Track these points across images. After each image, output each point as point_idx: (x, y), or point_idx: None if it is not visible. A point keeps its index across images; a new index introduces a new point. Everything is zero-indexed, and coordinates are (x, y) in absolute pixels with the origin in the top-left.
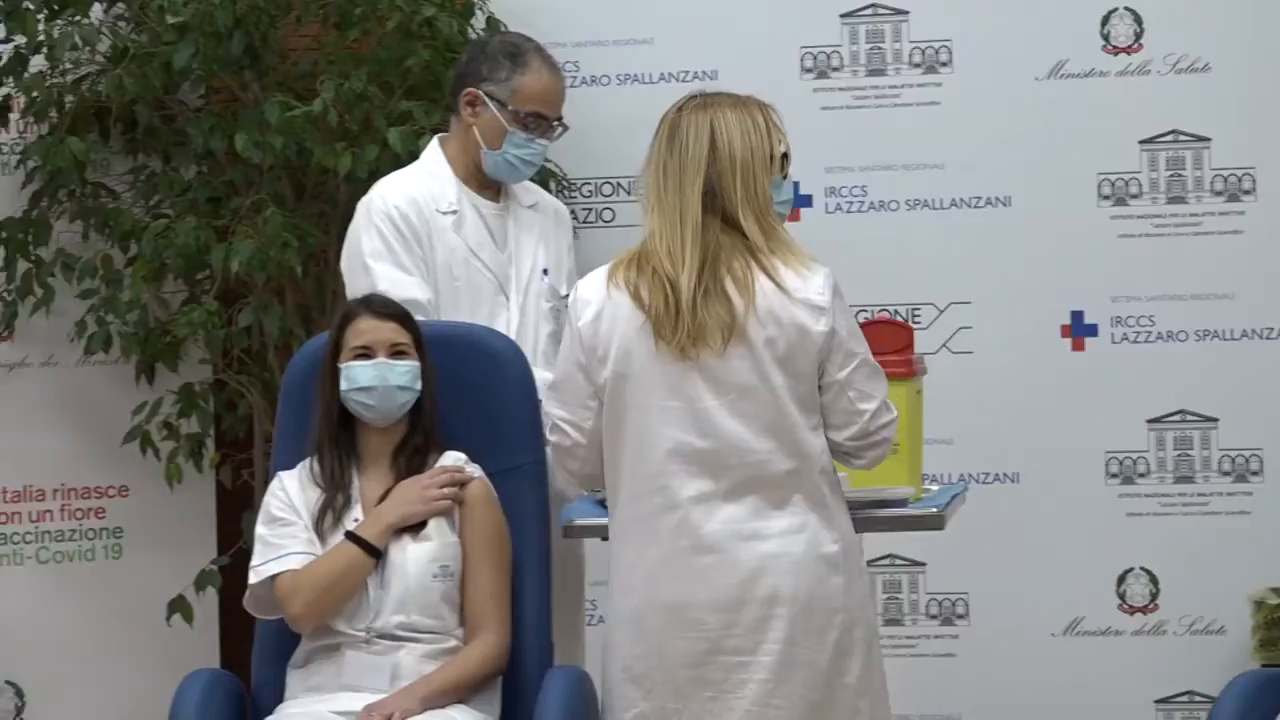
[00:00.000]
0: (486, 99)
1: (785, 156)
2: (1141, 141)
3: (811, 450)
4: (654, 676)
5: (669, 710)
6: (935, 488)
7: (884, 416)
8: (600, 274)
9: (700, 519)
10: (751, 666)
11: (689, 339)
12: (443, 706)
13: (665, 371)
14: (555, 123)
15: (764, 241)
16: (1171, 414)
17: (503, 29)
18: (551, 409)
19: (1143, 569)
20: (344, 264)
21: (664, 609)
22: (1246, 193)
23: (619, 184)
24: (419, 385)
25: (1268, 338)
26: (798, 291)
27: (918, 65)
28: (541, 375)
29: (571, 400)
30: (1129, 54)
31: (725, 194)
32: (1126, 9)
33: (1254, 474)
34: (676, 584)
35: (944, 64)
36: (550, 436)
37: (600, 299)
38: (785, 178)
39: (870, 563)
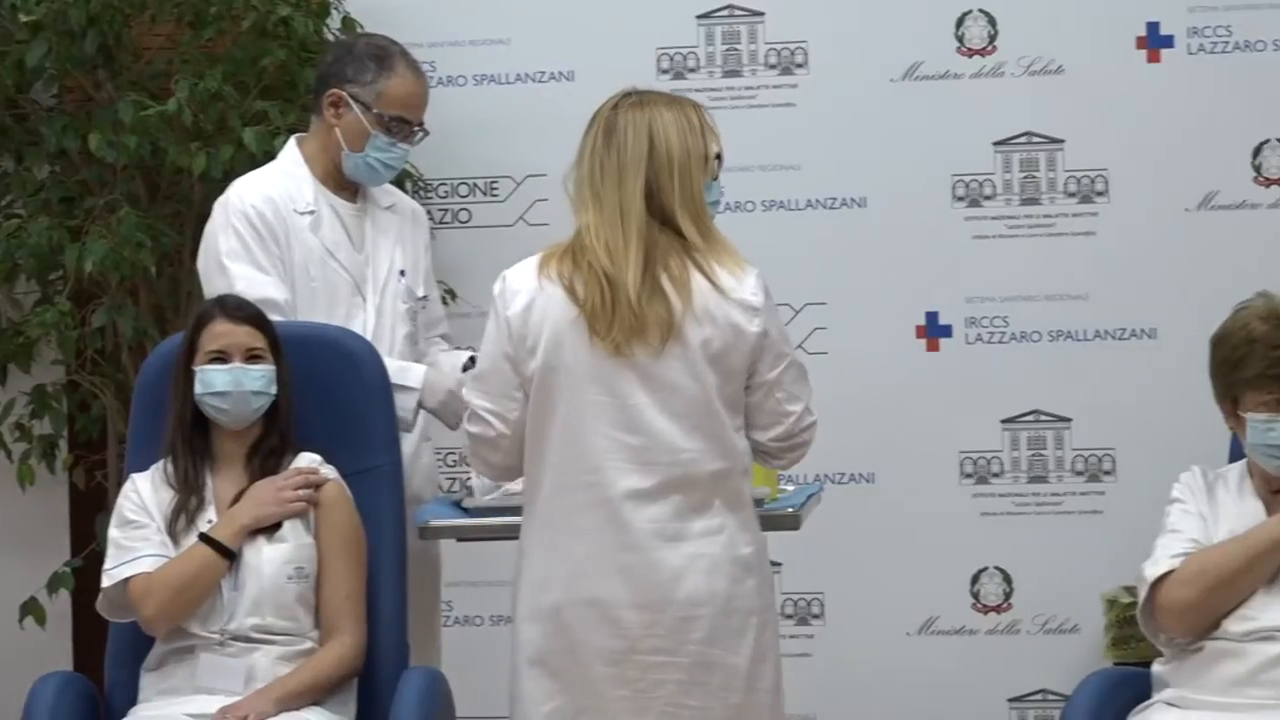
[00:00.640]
0: (350, 101)
1: (718, 157)
2: (995, 143)
3: (736, 450)
4: (571, 673)
5: (584, 706)
6: (791, 488)
7: (808, 418)
8: (530, 265)
9: (629, 516)
10: (669, 667)
11: (625, 336)
12: (298, 708)
13: (597, 366)
14: (417, 127)
15: (701, 241)
16: (1025, 414)
17: (359, 29)
18: (475, 400)
19: (997, 568)
20: (200, 263)
21: (584, 605)
22: (1099, 194)
23: (475, 184)
24: (274, 389)
25: (1120, 338)
26: (733, 291)
27: (773, 66)
28: (393, 364)
29: (497, 391)
30: (983, 56)
31: (663, 193)
32: (980, 11)
33: (1106, 473)
34: (599, 581)
35: (799, 65)
36: (471, 428)
37: (532, 289)
38: (716, 178)
39: None
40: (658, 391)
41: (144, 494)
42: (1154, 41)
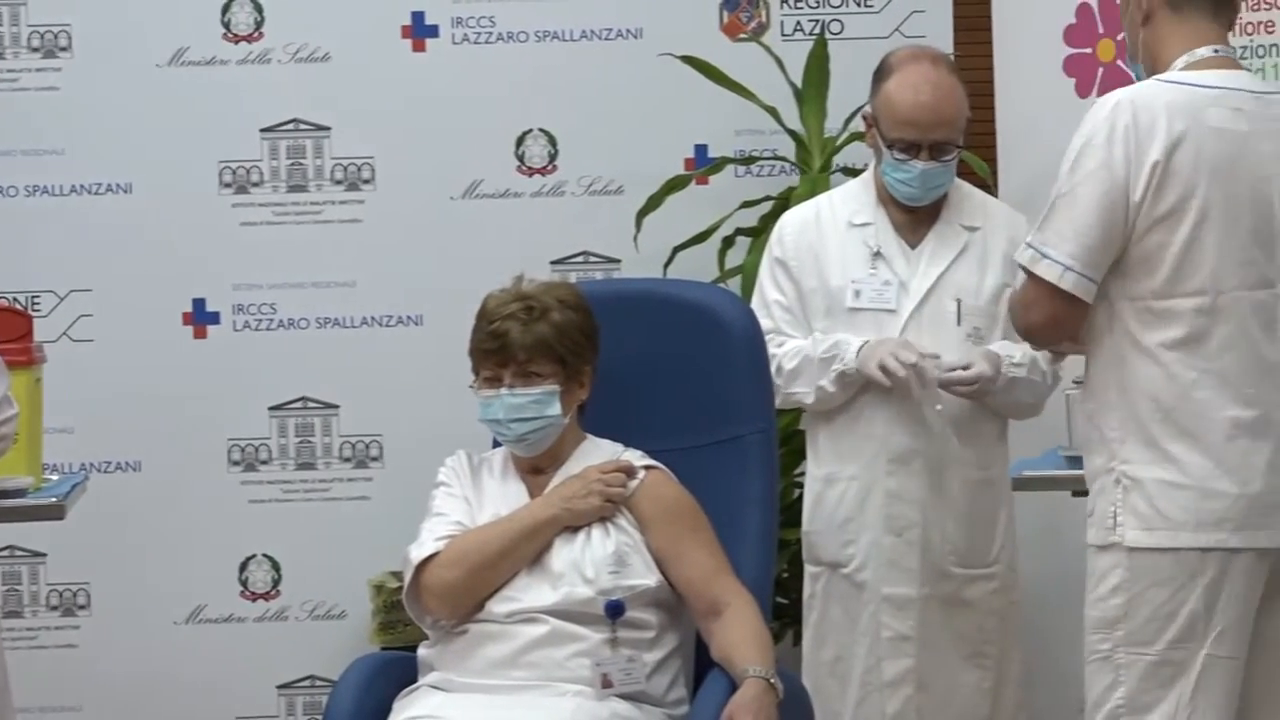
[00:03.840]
0: None
1: None
2: (262, 130)
3: None
4: None
5: None
6: (55, 477)
7: (4, 412)
8: None
9: None
10: None
11: None
12: None
13: None
14: None
15: None
16: (293, 401)
17: None
18: None
19: (265, 555)
20: None
21: None
22: (366, 182)
23: None
24: None
25: (387, 325)
26: None
27: (36, 50)
28: None
29: None
30: (250, 42)
31: None
32: None
33: (374, 459)
34: None
35: (64, 48)
36: None
37: None
38: None
39: None
40: None
41: None
42: (419, 31)
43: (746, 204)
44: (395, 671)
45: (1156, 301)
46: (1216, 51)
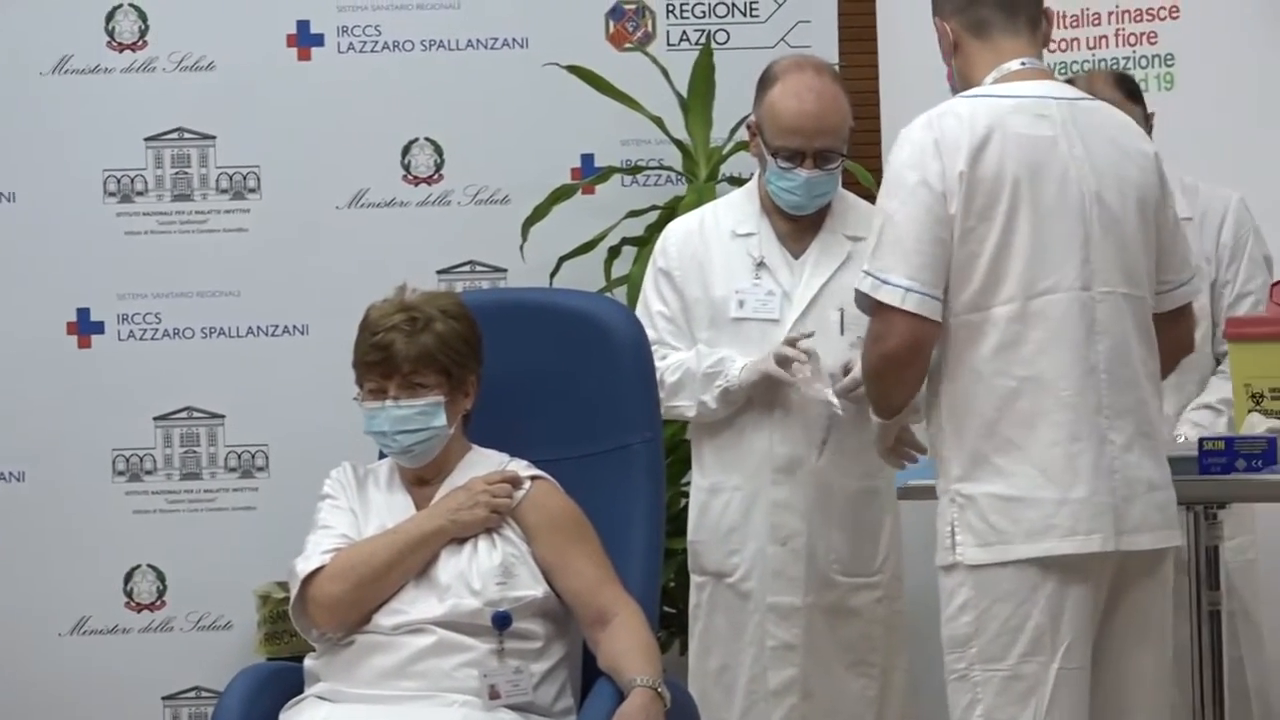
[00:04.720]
0: None
1: None
2: (147, 139)
3: None
4: None
5: None
6: None
7: None
8: None
9: None
10: None
11: None
12: None
13: None
14: None
15: None
16: (179, 411)
17: None
18: None
19: (150, 566)
20: None
21: None
22: (251, 190)
23: None
24: None
25: (273, 334)
26: None
27: None
28: None
29: None
30: (134, 50)
31: None
32: (131, 5)
33: (260, 469)
34: None
35: None
36: None
37: None
38: None
39: None
40: None
41: None
42: (304, 40)
43: (633, 213)
44: (281, 682)
45: (973, 314)
46: (1024, 64)
